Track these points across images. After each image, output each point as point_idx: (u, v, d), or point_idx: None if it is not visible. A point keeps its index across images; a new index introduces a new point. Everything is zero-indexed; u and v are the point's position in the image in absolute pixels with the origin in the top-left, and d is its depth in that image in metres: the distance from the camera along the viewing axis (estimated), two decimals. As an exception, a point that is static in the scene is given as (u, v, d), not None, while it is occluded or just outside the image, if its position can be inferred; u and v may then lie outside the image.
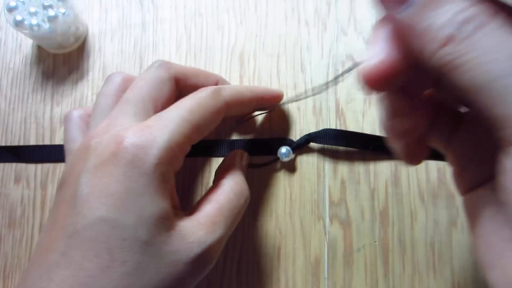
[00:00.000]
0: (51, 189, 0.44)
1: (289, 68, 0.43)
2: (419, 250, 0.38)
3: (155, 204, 0.24)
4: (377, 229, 0.39)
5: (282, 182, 0.40)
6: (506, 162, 0.16)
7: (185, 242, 0.25)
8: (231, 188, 0.30)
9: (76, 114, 0.36)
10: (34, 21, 0.42)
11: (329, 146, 0.41)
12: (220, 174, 0.33)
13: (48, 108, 0.45)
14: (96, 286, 0.22)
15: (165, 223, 0.24)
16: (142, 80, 0.31)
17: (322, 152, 0.41)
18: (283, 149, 0.38)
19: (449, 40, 0.17)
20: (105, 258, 0.23)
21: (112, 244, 0.23)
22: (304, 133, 0.40)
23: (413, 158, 0.24)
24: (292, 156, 0.39)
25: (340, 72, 0.42)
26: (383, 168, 0.40)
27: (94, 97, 0.45)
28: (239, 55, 0.44)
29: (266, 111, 0.40)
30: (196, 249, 0.25)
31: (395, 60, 0.19)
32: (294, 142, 0.39)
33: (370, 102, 0.41)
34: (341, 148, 0.40)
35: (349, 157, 0.40)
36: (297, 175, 0.40)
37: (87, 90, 0.45)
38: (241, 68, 0.44)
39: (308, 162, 0.41)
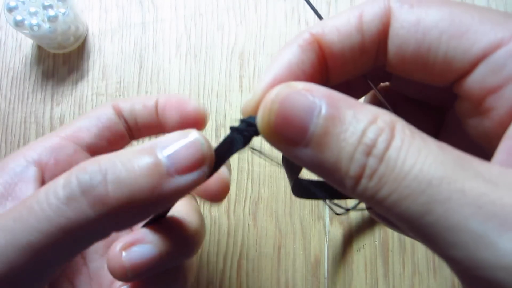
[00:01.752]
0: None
1: (289, 68, 0.43)
2: (419, 250, 0.38)
3: None
4: (377, 229, 0.39)
5: (282, 182, 0.40)
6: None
7: None
8: None
9: None
10: (34, 21, 0.42)
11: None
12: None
13: (48, 108, 0.45)
14: None
15: None
16: None
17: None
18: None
19: (359, 176, 0.15)
20: None
21: None
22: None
23: None
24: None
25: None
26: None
27: (94, 97, 0.45)
28: (239, 55, 0.44)
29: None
30: None
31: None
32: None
33: (370, 102, 0.41)
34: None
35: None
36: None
37: (87, 90, 0.45)
38: (241, 68, 0.44)
39: (308, 162, 0.41)
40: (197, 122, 0.27)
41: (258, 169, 0.41)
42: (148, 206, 0.18)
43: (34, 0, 0.42)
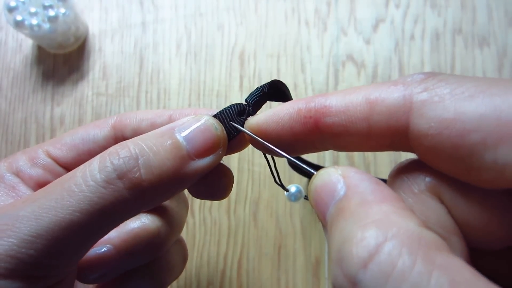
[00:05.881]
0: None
1: (289, 68, 0.43)
2: (420, 250, 0.38)
3: None
4: (378, 229, 0.39)
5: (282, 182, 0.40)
6: None
7: None
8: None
9: None
10: (34, 21, 0.42)
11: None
12: None
13: (48, 108, 0.45)
14: None
15: None
16: None
17: (322, 151, 0.41)
18: (293, 188, 0.30)
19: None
20: None
21: None
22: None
23: None
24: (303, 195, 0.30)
25: (339, 73, 0.42)
26: (384, 167, 0.40)
27: (95, 97, 0.45)
28: (239, 55, 0.44)
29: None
30: None
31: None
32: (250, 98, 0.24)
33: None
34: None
35: (349, 156, 0.40)
36: (297, 174, 0.40)
37: (88, 90, 0.45)
38: (241, 68, 0.44)
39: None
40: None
41: (258, 170, 0.41)
42: (173, 186, 0.20)
43: (35, 1, 0.43)
